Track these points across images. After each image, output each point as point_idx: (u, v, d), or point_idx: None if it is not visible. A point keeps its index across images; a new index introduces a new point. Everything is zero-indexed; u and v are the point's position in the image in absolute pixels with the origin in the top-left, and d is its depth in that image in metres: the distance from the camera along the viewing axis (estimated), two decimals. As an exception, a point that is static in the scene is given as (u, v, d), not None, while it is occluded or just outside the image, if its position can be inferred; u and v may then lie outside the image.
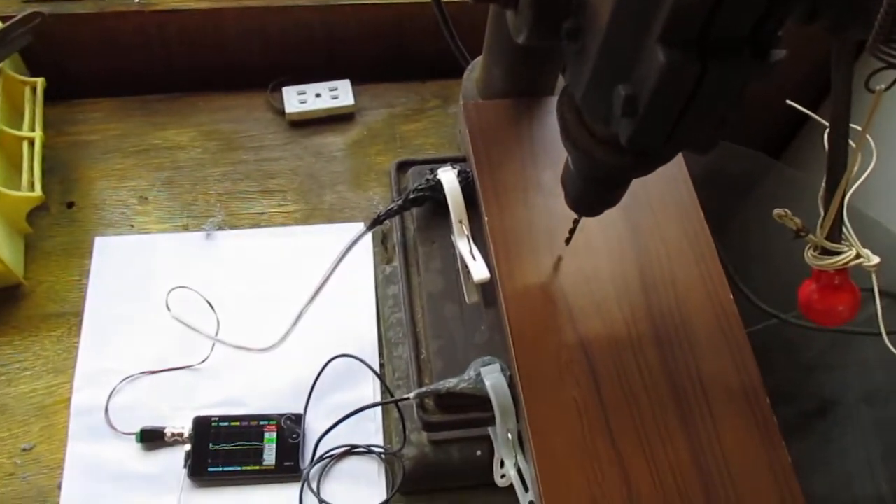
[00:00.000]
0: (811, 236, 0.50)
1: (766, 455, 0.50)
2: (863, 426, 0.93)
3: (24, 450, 0.69)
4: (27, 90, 0.83)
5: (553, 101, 0.64)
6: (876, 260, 0.48)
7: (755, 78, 0.35)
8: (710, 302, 0.55)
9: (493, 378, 0.54)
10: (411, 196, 0.64)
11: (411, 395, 0.57)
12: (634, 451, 0.49)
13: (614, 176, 0.46)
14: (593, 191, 0.47)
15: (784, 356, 0.99)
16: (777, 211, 0.51)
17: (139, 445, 0.69)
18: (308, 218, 0.84)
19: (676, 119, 0.36)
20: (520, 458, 0.54)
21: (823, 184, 0.48)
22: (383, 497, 0.68)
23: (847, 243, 0.49)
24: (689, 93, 0.34)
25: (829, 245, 0.49)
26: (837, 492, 0.90)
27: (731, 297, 0.56)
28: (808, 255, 0.50)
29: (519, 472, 0.54)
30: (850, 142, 0.46)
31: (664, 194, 0.60)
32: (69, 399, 0.71)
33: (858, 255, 0.48)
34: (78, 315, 0.76)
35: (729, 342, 0.54)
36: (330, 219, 0.84)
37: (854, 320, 0.54)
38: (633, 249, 0.57)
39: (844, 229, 0.49)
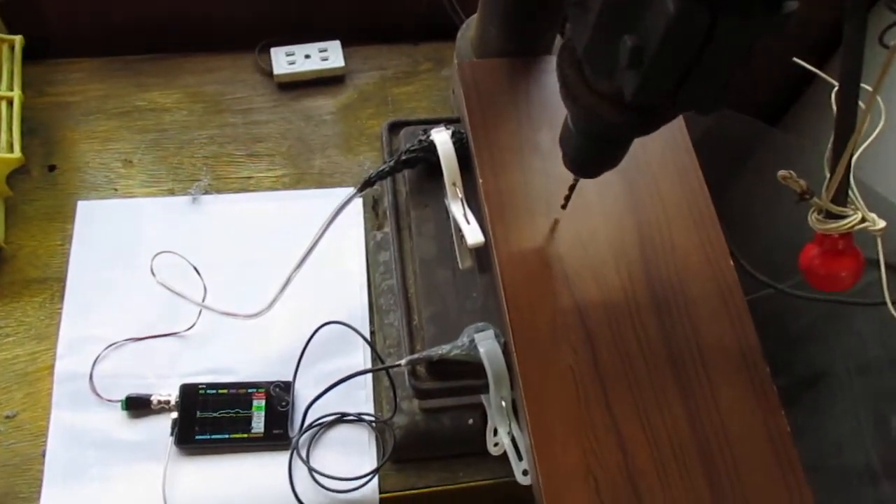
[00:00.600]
0: (816, 199, 0.48)
1: (763, 422, 0.49)
2: (854, 396, 0.93)
3: (8, 417, 0.68)
4: (5, 48, 0.80)
5: (551, 61, 0.63)
6: (882, 224, 0.47)
7: (766, 29, 0.33)
8: (710, 268, 0.54)
9: (486, 345, 0.53)
10: (403, 157, 0.62)
11: (403, 361, 0.56)
12: (631, 419, 0.48)
13: (615, 135, 0.44)
14: (593, 151, 0.46)
15: (778, 325, 0.99)
16: (781, 172, 0.49)
17: (124, 413, 0.68)
18: (297, 183, 0.83)
19: (684, 72, 0.34)
20: (514, 426, 0.53)
21: (830, 145, 0.46)
22: (374, 465, 0.67)
23: (853, 207, 0.47)
24: (699, 44, 0.32)
25: (834, 208, 0.47)
26: (827, 460, 0.90)
27: (731, 263, 0.54)
28: (812, 218, 0.49)
29: (513, 440, 0.53)
30: (860, 103, 0.44)
31: (664, 157, 0.58)
32: (52, 366, 0.70)
33: (864, 219, 0.47)
34: (61, 281, 0.74)
35: (728, 309, 0.53)
36: (319, 184, 0.83)
37: (851, 289, 0.53)
38: (631, 214, 0.56)
39: (850, 192, 0.48)
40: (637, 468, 0.47)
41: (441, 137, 0.60)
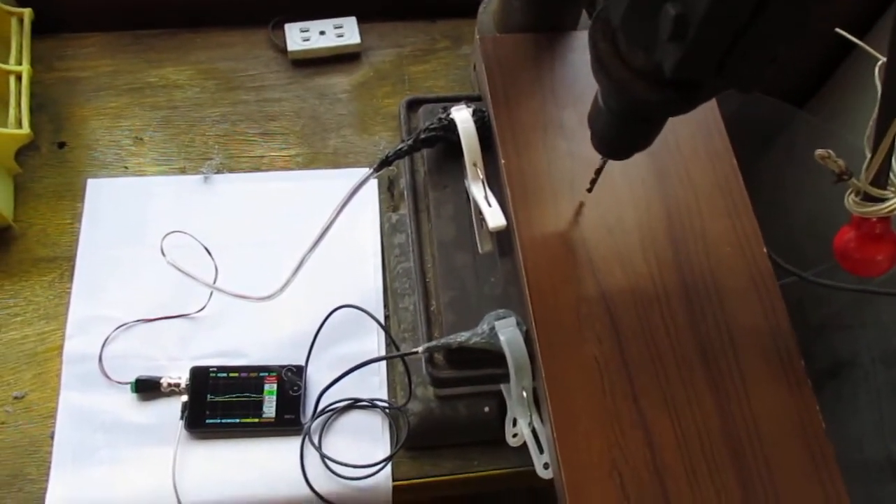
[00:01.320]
0: (854, 180, 0.46)
1: (797, 417, 0.47)
2: (878, 388, 0.91)
3: (16, 398, 0.67)
4: (13, 21, 0.79)
5: (577, 36, 0.60)
6: None
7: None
8: (742, 255, 0.52)
9: (508, 332, 0.51)
10: (422, 136, 0.60)
11: (420, 349, 0.54)
12: (658, 413, 0.46)
13: (649, 113, 0.41)
14: (624, 130, 0.43)
15: (801, 314, 0.97)
16: (819, 152, 0.47)
17: (134, 395, 0.67)
18: (311, 162, 0.80)
19: (730, 44, 0.31)
20: (535, 417, 0.51)
21: (871, 123, 0.44)
22: (387, 452, 0.66)
23: (892, 189, 0.45)
24: (750, 12, 0.30)
25: (874, 191, 0.45)
26: (848, 452, 0.88)
27: (765, 250, 0.52)
28: (849, 200, 0.46)
29: (533, 431, 0.51)
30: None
31: (695, 139, 0.56)
32: (61, 346, 0.69)
33: None
34: (70, 260, 0.73)
35: (761, 298, 0.50)
36: (334, 164, 0.80)
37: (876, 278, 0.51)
38: (660, 198, 0.54)
39: (891, 174, 0.45)
40: (665, 465, 0.45)
41: (461, 115, 0.58)
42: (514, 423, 0.53)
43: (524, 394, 0.51)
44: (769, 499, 0.45)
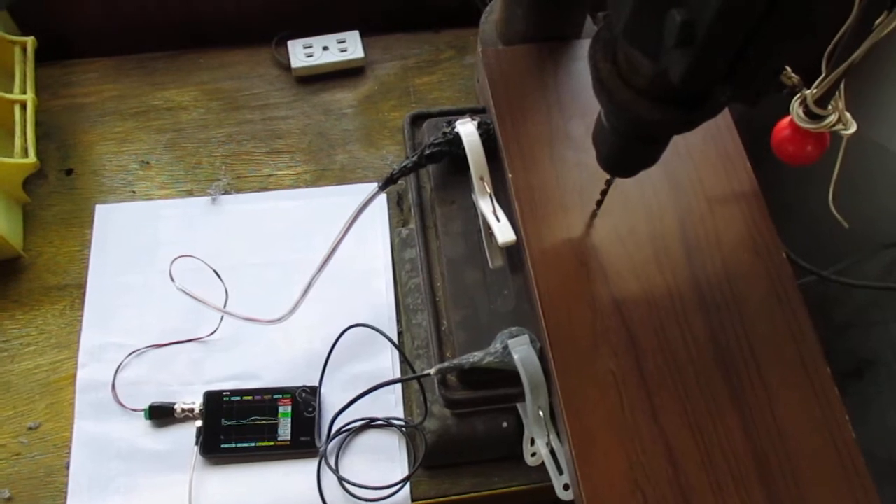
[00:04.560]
0: (805, 91, 0.47)
1: (825, 426, 0.46)
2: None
3: (31, 428, 0.67)
4: (17, 50, 0.79)
5: (580, 45, 0.59)
6: (853, 128, 0.47)
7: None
8: (761, 262, 0.50)
9: (521, 351, 0.50)
10: (427, 151, 0.59)
11: (432, 370, 0.53)
12: (680, 429, 0.45)
13: (653, 132, 0.40)
14: (629, 149, 0.42)
15: (821, 313, 0.95)
16: None
17: (148, 422, 0.66)
18: (318, 179, 0.80)
19: (739, 50, 0.30)
20: (552, 436, 0.50)
21: (835, 39, 0.43)
22: (405, 472, 0.65)
23: (833, 105, 0.46)
24: (759, 15, 0.28)
25: (816, 109, 0.47)
26: (875, 451, 0.86)
27: (784, 256, 0.51)
28: (795, 108, 0.48)
29: (552, 451, 0.50)
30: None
31: (706, 143, 0.54)
32: (74, 375, 0.68)
33: (840, 120, 0.46)
34: (80, 287, 0.72)
35: (782, 306, 0.49)
36: (341, 180, 0.80)
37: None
38: (672, 205, 0.52)
39: (837, 91, 0.46)
40: (689, 483, 0.43)
41: (466, 129, 0.57)
42: (532, 442, 0.52)
43: (540, 413, 0.49)
44: (799, 514, 0.43)
